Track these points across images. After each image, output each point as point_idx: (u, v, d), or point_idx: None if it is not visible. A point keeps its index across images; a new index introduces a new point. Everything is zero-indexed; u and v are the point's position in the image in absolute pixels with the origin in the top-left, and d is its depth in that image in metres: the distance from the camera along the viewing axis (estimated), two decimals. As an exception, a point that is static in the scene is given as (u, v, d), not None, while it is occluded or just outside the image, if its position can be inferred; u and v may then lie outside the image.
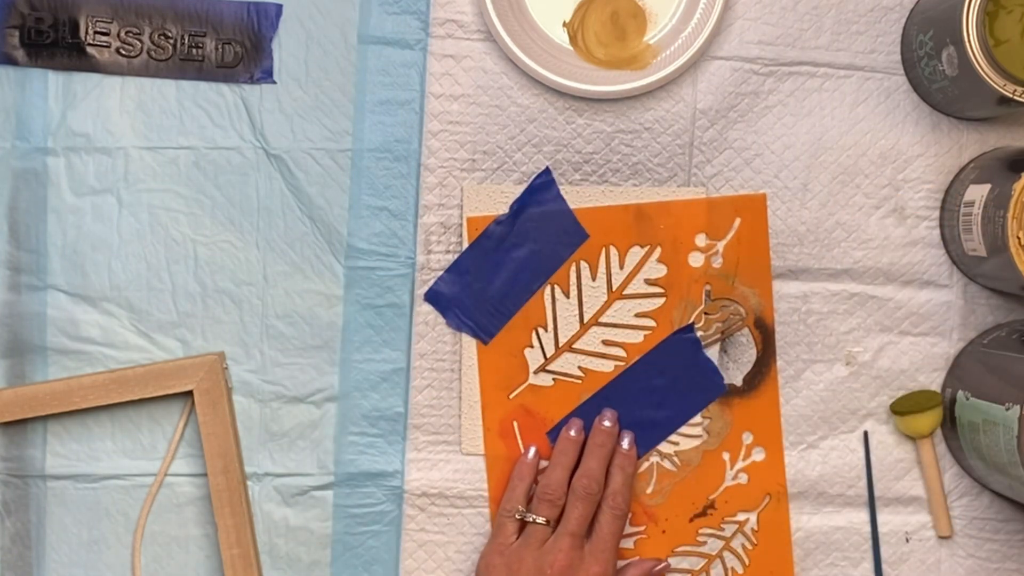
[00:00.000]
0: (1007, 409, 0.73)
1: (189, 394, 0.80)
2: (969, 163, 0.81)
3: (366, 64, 0.81)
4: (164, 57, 0.81)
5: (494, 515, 0.82)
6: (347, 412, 0.82)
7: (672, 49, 0.80)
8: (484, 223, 0.81)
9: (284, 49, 0.81)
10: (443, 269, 0.81)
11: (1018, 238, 0.72)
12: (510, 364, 0.82)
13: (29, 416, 0.79)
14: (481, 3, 0.79)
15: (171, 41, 0.81)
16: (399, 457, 0.82)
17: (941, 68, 0.76)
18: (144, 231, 0.81)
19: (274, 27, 0.81)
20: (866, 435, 0.82)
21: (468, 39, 0.81)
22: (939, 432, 0.82)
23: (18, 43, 0.80)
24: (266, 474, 0.82)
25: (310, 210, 0.81)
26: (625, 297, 0.82)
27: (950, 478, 0.82)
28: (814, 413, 0.82)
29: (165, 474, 0.82)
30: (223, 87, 0.81)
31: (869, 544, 0.82)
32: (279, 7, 0.80)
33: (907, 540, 0.83)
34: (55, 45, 0.80)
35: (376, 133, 0.81)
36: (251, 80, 0.81)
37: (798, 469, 0.82)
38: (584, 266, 0.82)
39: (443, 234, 0.81)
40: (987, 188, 0.75)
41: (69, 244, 0.81)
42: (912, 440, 0.82)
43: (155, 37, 0.81)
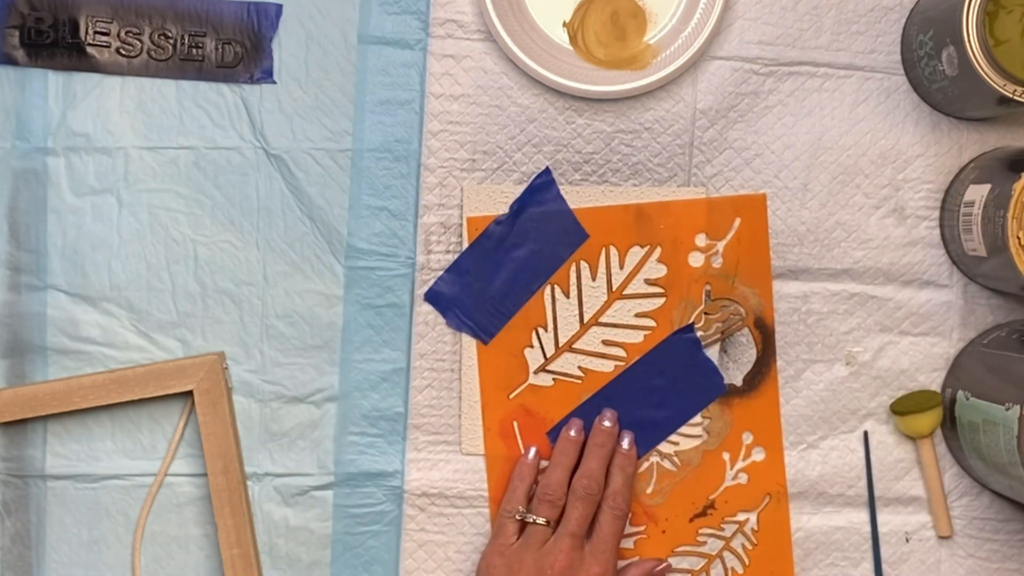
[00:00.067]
0: (1007, 409, 0.72)
1: (189, 394, 0.80)
2: (969, 163, 0.81)
3: (366, 64, 0.81)
4: (164, 57, 0.81)
5: (494, 515, 0.82)
6: (347, 412, 0.82)
7: (672, 49, 0.80)
8: (484, 223, 0.81)
9: (284, 49, 0.81)
10: (443, 269, 0.81)
11: (1018, 238, 0.72)
12: (510, 364, 0.82)
13: (29, 416, 0.79)
14: (481, 3, 0.79)
15: (171, 41, 0.81)
16: (399, 457, 0.82)
17: (941, 68, 0.76)
18: (144, 231, 0.81)
19: (274, 27, 0.80)
20: (866, 435, 0.82)
21: (468, 39, 0.81)
22: (939, 432, 0.82)
23: (18, 43, 0.80)
24: (266, 474, 0.82)
25: (310, 210, 0.81)
26: (625, 297, 0.82)
27: (950, 478, 0.82)
28: (814, 413, 0.82)
29: (165, 474, 0.82)
30: (223, 87, 0.81)
31: (869, 544, 0.82)
32: (279, 7, 0.80)
33: (907, 540, 0.83)
34: (55, 45, 0.80)
35: (376, 133, 0.81)
36: (251, 80, 0.81)
37: (798, 469, 0.82)
38: (584, 266, 0.82)
39: (443, 234, 0.81)
40: (987, 188, 0.75)
41: (69, 244, 0.81)
42: (912, 440, 0.82)
43: (155, 37, 0.81)
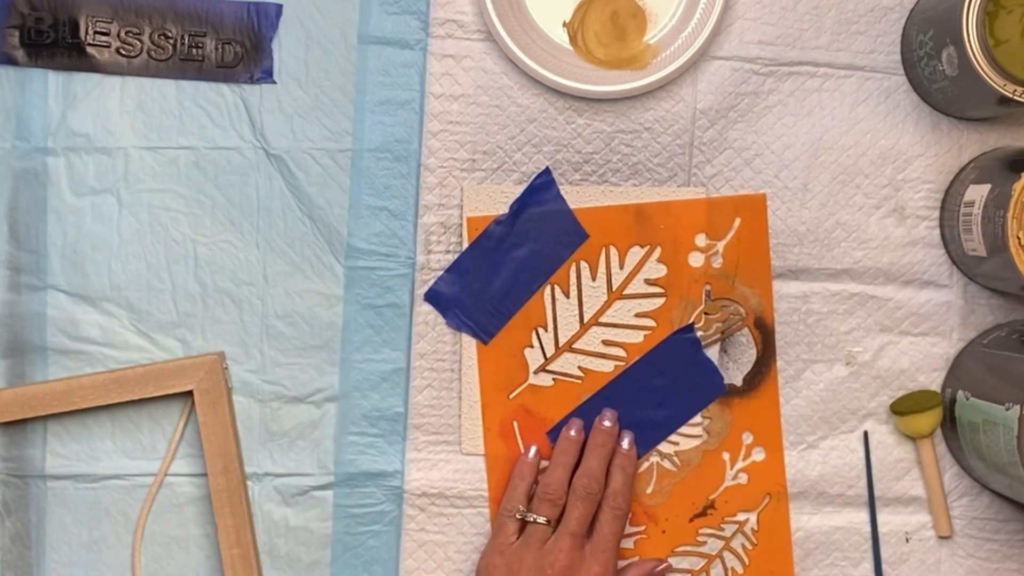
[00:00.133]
0: (1007, 409, 0.72)
1: (189, 394, 0.80)
2: (969, 163, 0.81)
3: (366, 64, 0.81)
4: (164, 57, 0.81)
5: (494, 515, 0.82)
6: (347, 412, 0.82)
7: (672, 49, 0.80)
8: (484, 223, 0.81)
9: (284, 49, 0.81)
10: (443, 269, 0.81)
11: (1018, 238, 0.72)
12: (510, 364, 0.82)
13: (29, 416, 0.79)
14: (481, 3, 0.79)
15: (171, 41, 0.81)
16: (399, 457, 0.82)
17: (941, 68, 0.76)
18: (144, 231, 0.81)
19: (274, 27, 0.80)
20: (866, 435, 0.82)
21: (468, 39, 0.81)
22: (939, 432, 0.82)
23: (18, 43, 0.80)
24: (266, 474, 0.82)
25: (310, 210, 0.81)
26: (625, 297, 0.82)
27: (950, 478, 0.82)
28: (814, 413, 0.82)
29: (165, 474, 0.82)
30: (223, 87, 0.81)
31: (869, 544, 0.82)
32: (279, 7, 0.80)
33: (907, 540, 0.83)
34: (55, 45, 0.80)
35: (376, 133, 0.81)
36: (251, 80, 0.81)
37: (798, 469, 0.82)
38: (584, 266, 0.82)
39: (443, 234, 0.81)
40: (987, 188, 0.75)
41: (69, 244, 0.81)
42: (912, 440, 0.82)
43: (155, 37, 0.81)
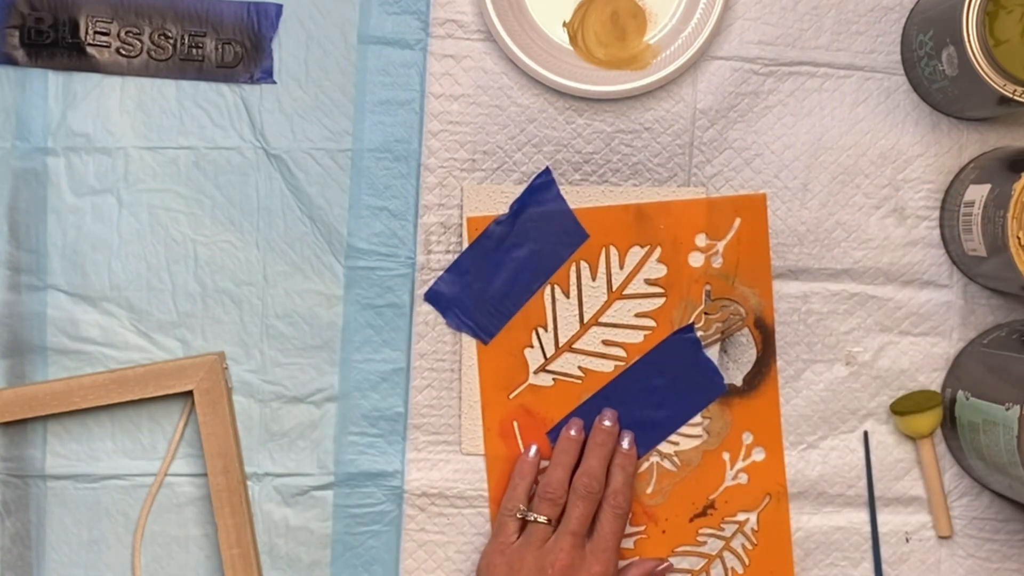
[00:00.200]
0: (1007, 409, 0.72)
1: (189, 394, 0.80)
2: (969, 163, 0.81)
3: (366, 64, 0.81)
4: (164, 57, 0.81)
5: (494, 515, 0.82)
6: (347, 412, 0.82)
7: (672, 49, 0.80)
8: (484, 223, 0.81)
9: (284, 49, 0.81)
10: (443, 269, 0.81)
11: (1018, 238, 0.72)
12: (510, 364, 0.82)
13: (29, 416, 0.79)
14: (481, 3, 0.79)
15: (171, 41, 0.81)
16: (399, 457, 0.82)
17: (941, 68, 0.76)
18: (144, 231, 0.81)
19: (274, 27, 0.80)
20: (866, 435, 0.82)
21: (468, 39, 0.81)
22: (939, 432, 0.82)
23: (18, 43, 0.80)
24: (266, 474, 0.82)
25: (310, 210, 0.81)
26: (625, 297, 0.82)
27: (950, 478, 0.82)
28: (814, 413, 0.82)
29: (165, 474, 0.82)
30: (223, 87, 0.81)
31: (869, 544, 0.82)
32: (279, 7, 0.80)
33: (907, 540, 0.83)
34: (55, 45, 0.80)
35: (376, 133, 0.81)
36: (251, 80, 0.81)
37: (798, 469, 0.82)
38: (584, 266, 0.82)
39: (443, 234, 0.81)
40: (987, 188, 0.75)
41: (69, 244, 0.81)
42: (912, 440, 0.82)
43: (155, 37, 0.81)
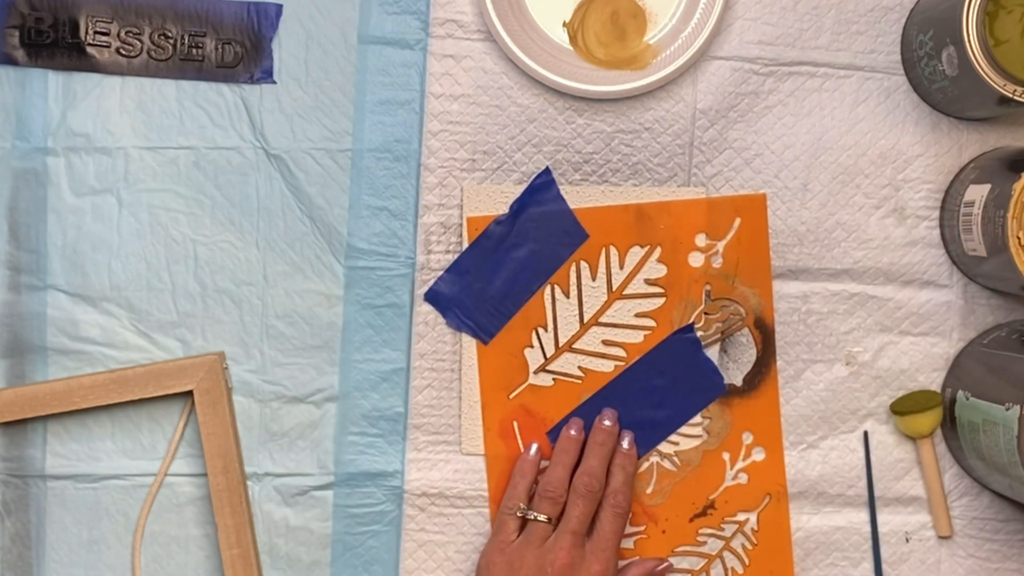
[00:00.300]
0: (1007, 409, 0.72)
1: (189, 394, 0.80)
2: (969, 163, 0.81)
3: (366, 64, 0.81)
4: (164, 57, 0.81)
5: (494, 515, 0.82)
6: (347, 412, 0.82)
7: (672, 49, 0.80)
8: (484, 223, 0.81)
9: (284, 49, 0.81)
10: (443, 269, 0.81)
11: (1018, 238, 0.72)
12: (510, 364, 0.82)
13: (29, 416, 0.79)
14: (481, 3, 0.79)
15: (171, 41, 0.81)
16: (399, 457, 0.82)
17: (941, 68, 0.76)
18: (144, 231, 0.81)
19: (274, 27, 0.81)
20: (866, 435, 0.82)
21: (468, 39, 0.81)
22: (939, 432, 0.82)
23: (18, 43, 0.80)
24: (266, 474, 0.82)
25: (310, 210, 0.81)
26: (625, 297, 0.82)
27: (950, 478, 0.82)
28: (814, 413, 0.82)
29: (165, 474, 0.82)
30: (223, 87, 0.81)
31: (869, 544, 0.82)
32: (279, 7, 0.80)
33: (907, 540, 0.83)
34: (55, 45, 0.80)
35: (376, 133, 0.81)
36: (251, 80, 0.81)
37: (798, 469, 0.82)
38: (584, 266, 0.82)
39: (443, 234, 0.81)
40: (987, 188, 0.75)
41: (69, 244, 0.81)
42: (912, 440, 0.82)
43: (155, 37, 0.81)
